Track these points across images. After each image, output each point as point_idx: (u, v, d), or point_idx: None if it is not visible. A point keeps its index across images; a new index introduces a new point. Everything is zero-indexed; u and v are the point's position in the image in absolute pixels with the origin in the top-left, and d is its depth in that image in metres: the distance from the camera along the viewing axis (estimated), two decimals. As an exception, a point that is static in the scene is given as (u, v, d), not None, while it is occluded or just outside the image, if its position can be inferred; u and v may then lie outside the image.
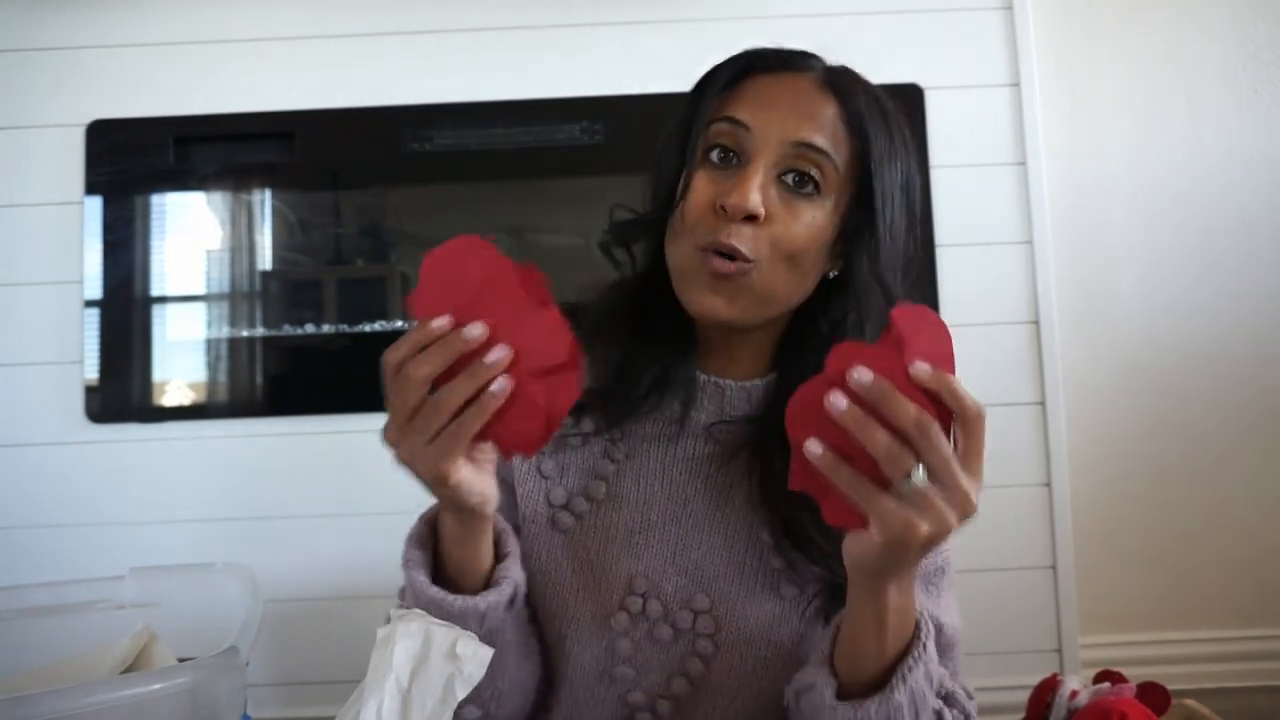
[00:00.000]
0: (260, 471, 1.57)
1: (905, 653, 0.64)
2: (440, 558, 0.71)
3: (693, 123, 0.76)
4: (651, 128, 0.84)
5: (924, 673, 0.64)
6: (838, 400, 0.55)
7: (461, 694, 0.61)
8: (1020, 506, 1.58)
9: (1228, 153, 1.72)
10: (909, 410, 0.54)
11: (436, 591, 0.68)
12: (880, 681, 0.64)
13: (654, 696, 0.79)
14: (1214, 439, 1.69)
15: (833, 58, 0.79)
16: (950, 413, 0.56)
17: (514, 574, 0.72)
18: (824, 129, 0.73)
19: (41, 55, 1.61)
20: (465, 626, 0.67)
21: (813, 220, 0.73)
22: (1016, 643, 1.57)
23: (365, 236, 1.65)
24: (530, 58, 1.63)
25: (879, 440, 0.55)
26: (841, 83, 0.76)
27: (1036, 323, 1.60)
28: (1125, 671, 1.29)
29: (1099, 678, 1.30)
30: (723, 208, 0.72)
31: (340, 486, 1.57)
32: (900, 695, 0.63)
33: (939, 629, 0.78)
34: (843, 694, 0.66)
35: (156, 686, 0.94)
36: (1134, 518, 1.69)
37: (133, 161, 1.60)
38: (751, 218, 0.71)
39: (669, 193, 0.77)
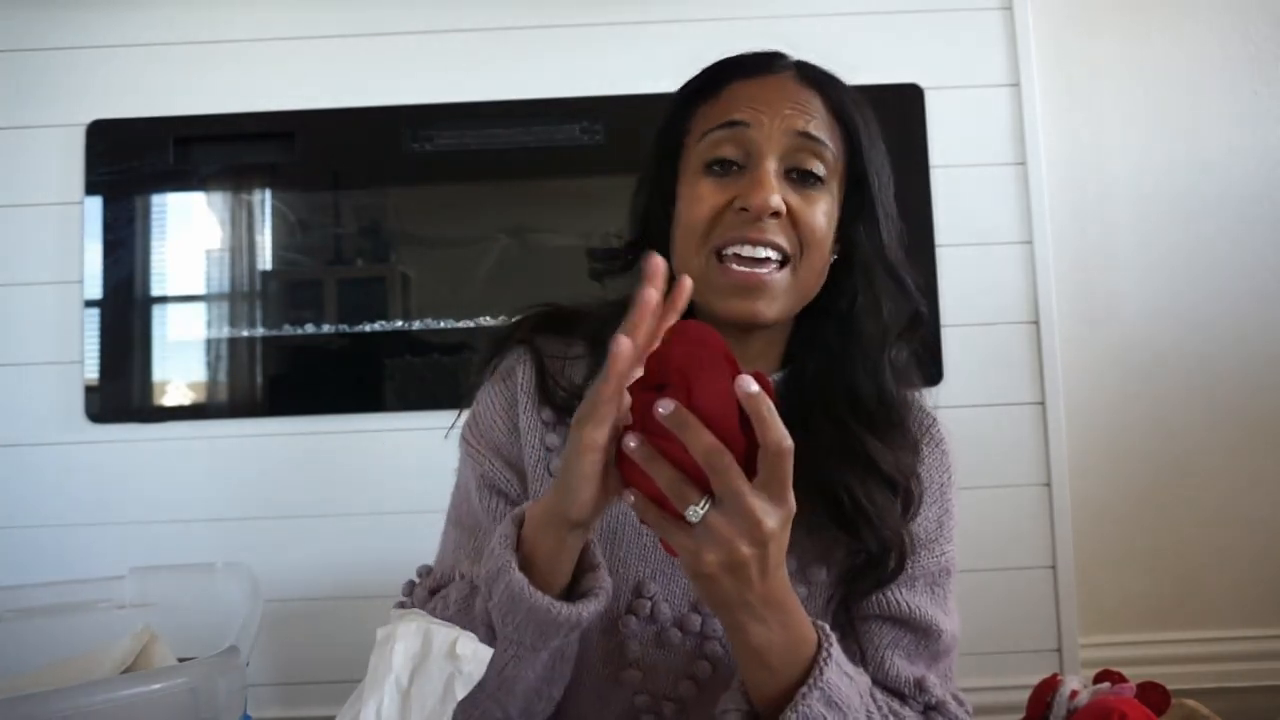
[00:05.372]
0: (260, 471, 1.57)
1: (804, 678, 0.64)
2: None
3: (681, 136, 0.78)
4: (651, 128, 0.84)
5: (822, 698, 0.64)
6: (629, 440, 0.58)
7: (461, 694, 0.60)
8: (1020, 506, 1.58)
9: (1227, 153, 1.71)
10: (703, 440, 0.55)
11: (543, 599, 0.64)
12: (781, 705, 0.64)
13: (659, 699, 0.79)
14: (1214, 438, 1.69)
15: (833, 58, 0.81)
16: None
17: (608, 584, 0.69)
18: (816, 119, 0.76)
19: (41, 55, 1.61)
20: (563, 636, 0.66)
21: (825, 209, 0.76)
22: (1016, 643, 1.57)
23: (365, 236, 1.65)
24: (530, 58, 1.63)
25: (663, 475, 0.57)
26: (819, 76, 0.79)
27: (1036, 323, 1.60)
28: (1125, 671, 1.29)
29: (1099, 678, 1.30)
30: (744, 209, 0.73)
31: (340, 486, 1.56)
32: None
33: (938, 634, 0.78)
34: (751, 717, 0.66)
35: (156, 686, 0.93)
36: (1134, 518, 1.68)
37: (133, 161, 1.60)
38: (774, 214, 0.73)
39: (664, 208, 0.78)
